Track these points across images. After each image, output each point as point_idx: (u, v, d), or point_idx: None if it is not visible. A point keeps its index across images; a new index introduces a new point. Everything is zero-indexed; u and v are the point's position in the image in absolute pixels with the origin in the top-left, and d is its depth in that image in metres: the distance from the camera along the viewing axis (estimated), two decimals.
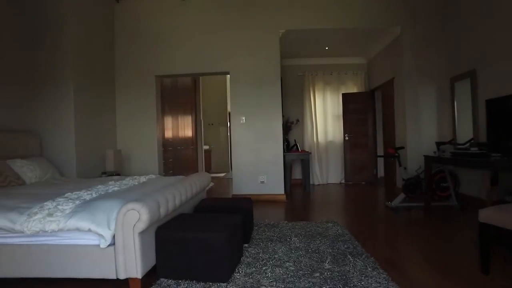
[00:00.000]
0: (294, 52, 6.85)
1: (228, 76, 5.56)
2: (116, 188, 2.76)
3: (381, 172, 7.19)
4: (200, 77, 9.04)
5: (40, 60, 4.21)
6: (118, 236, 1.97)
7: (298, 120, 7.20)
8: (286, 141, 6.14)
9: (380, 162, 7.15)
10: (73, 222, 2.00)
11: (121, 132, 5.34)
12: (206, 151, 9.66)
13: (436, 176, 4.47)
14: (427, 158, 4.16)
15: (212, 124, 10.32)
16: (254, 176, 5.26)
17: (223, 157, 10.28)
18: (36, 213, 2.08)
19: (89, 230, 1.99)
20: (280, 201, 5.17)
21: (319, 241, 3.00)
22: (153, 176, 3.66)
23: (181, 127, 7.36)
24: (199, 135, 8.89)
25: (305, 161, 5.97)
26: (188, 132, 7.89)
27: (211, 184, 3.98)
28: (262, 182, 5.25)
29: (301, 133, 7.29)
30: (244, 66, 5.28)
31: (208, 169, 9.62)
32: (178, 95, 7.21)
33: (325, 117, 7.38)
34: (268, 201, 5.16)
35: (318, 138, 7.26)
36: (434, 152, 4.21)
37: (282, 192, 5.26)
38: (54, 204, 2.17)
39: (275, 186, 5.25)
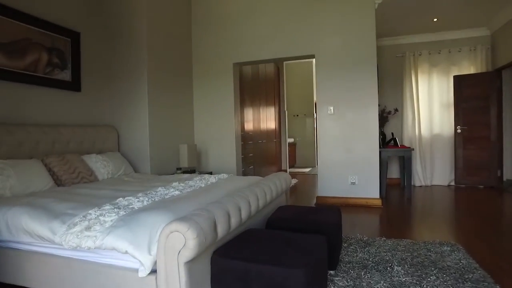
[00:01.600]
0: (391, 30, 5.78)
1: (314, 60, 4.84)
2: (176, 192, 2.36)
3: (507, 174, 5.69)
4: (284, 64, 8.49)
5: (117, 54, 4.10)
6: (160, 264, 1.51)
7: (396, 110, 6.13)
8: (381, 134, 5.19)
9: (508, 161, 5.64)
10: (110, 240, 1.61)
11: (198, 125, 5.06)
12: (290, 144, 9.12)
13: None
14: None
15: (297, 115, 9.69)
16: (343, 176, 4.49)
17: (309, 151, 9.59)
18: (76, 224, 1.76)
19: (126, 253, 1.58)
20: (374, 207, 4.32)
21: (434, 277, 2.16)
22: (225, 176, 3.23)
23: (263, 119, 6.91)
24: (282, 127, 8.39)
25: (406, 158, 4.94)
26: (270, 124, 7.42)
27: (294, 182, 3.40)
28: (353, 183, 4.45)
29: (399, 125, 6.21)
30: (332, 47, 4.49)
31: (292, 164, 9.07)
32: (260, 84, 6.75)
33: (430, 106, 6.15)
34: (359, 206, 4.36)
35: (420, 131, 6.10)
36: None
37: (377, 196, 4.39)
38: (98, 213, 1.83)
39: (368, 188, 4.40)
